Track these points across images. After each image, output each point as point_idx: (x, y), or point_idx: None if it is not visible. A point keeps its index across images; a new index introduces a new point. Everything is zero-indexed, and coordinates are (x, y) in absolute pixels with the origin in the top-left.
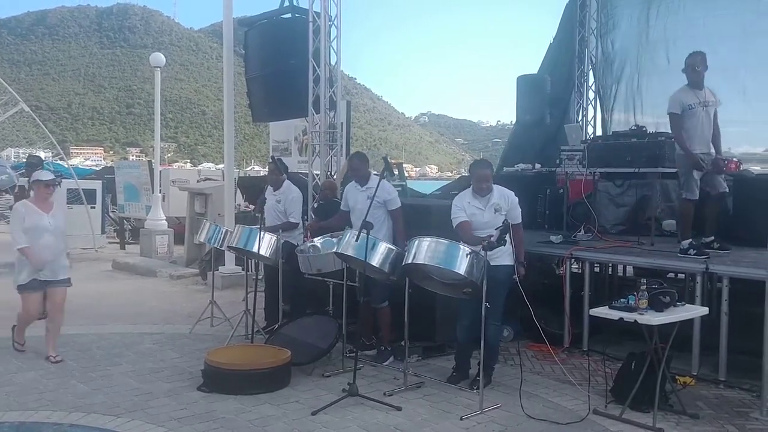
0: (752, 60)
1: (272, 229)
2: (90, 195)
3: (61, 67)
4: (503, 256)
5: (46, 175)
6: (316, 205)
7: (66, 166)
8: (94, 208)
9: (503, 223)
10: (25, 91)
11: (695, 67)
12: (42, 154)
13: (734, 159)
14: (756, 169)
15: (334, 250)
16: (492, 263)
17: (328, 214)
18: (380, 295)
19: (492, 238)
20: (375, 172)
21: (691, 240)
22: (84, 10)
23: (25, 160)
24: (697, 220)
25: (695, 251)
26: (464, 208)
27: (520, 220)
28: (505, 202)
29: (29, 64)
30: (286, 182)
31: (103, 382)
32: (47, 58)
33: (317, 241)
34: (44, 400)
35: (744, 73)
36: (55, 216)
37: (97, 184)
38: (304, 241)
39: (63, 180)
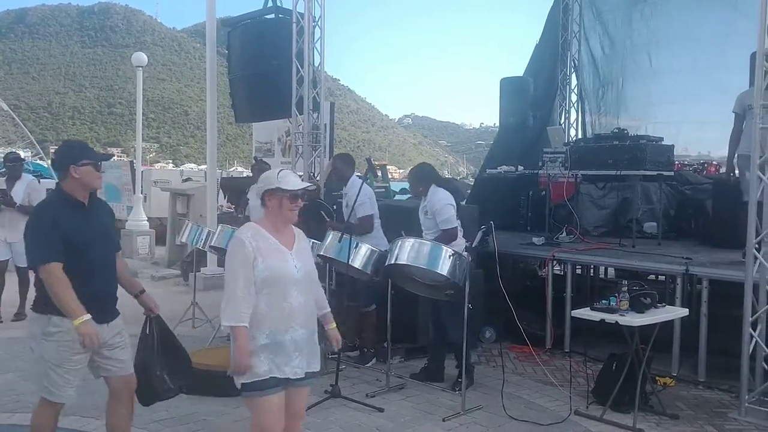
0: (731, 60)
1: None
2: None
3: (41, 66)
4: None
5: (296, 179)
6: None
7: (46, 165)
8: None
9: (487, 225)
10: (5, 90)
11: None
12: (22, 154)
13: (713, 162)
14: (735, 172)
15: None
16: None
17: (311, 215)
18: (367, 298)
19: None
20: (357, 174)
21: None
22: (65, 9)
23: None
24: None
25: None
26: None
27: (446, 227)
28: (431, 206)
29: (9, 63)
30: None
31: (82, 384)
32: (27, 56)
33: None
34: (23, 402)
35: (723, 74)
36: (301, 252)
37: None
38: None
39: (42, 180)
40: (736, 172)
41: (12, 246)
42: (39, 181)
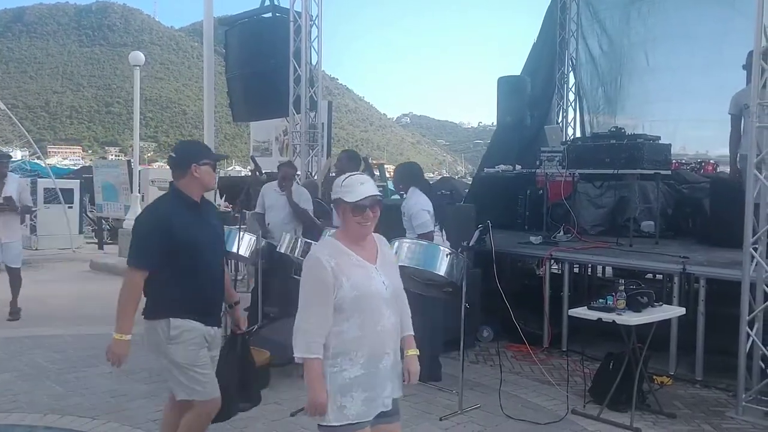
0: (729, 59)
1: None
2: (68, 194)
3: (38, 65)
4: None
5: (362, 188)
6: None
7: (43, 165)
8: (71, 207)
9: (485, 224)
10: (2, 89)
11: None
12: (19, 153)
13: (711, 161)
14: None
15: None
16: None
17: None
18: None
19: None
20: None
21: None
22: (62, 8)
23: None
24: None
25: None
26: None
27: (422, 231)
28: (407, 209)
29: (6, 62)
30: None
31: (79, 384)
32: (24, 55)
33: None
34: (19, 402)
35: (721, 72)
36: (386, 264)
37: (74, 184)
38: None
39: (39, 179)
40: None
41: (3, 246)
42: (36, 181)
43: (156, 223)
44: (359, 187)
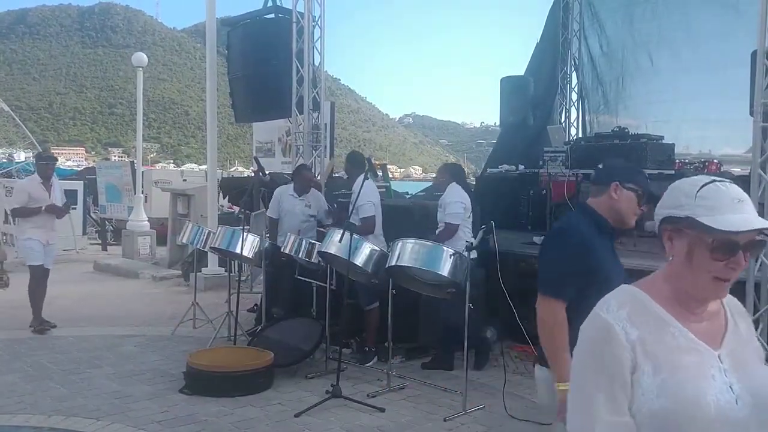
0: (731, 59)
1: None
2: (71, 196)
3: (42, 66)
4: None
5: (741, 210)
6: None
7: None
8: (75, 209)
9: (488, 224)
10: (5, 90)
11: None
12: (23, 155)
13: (714, 161)
14: (736, 170)
15: (318, 249)
16: None
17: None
18: (369, 296)
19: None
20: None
21: None
22: (65, 9)
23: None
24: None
25: None
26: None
27: (449, 221)
28: (444, 200)
29: (9, 64)
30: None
31: (83, 385)
32: (28, 57)
33: None
34: (23, 404)
35: (724, 72)
36: (742, 352)
37: (78, 185)
38: None
39: None
40: None
41: (48, 248)
42: None
43: (574, 243)
44: (735, 206)
